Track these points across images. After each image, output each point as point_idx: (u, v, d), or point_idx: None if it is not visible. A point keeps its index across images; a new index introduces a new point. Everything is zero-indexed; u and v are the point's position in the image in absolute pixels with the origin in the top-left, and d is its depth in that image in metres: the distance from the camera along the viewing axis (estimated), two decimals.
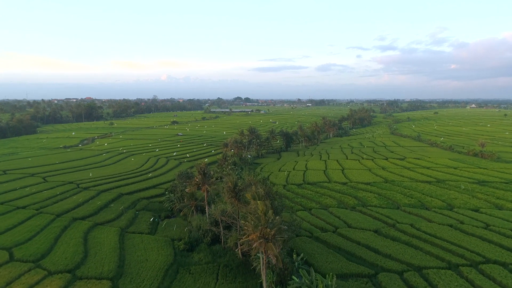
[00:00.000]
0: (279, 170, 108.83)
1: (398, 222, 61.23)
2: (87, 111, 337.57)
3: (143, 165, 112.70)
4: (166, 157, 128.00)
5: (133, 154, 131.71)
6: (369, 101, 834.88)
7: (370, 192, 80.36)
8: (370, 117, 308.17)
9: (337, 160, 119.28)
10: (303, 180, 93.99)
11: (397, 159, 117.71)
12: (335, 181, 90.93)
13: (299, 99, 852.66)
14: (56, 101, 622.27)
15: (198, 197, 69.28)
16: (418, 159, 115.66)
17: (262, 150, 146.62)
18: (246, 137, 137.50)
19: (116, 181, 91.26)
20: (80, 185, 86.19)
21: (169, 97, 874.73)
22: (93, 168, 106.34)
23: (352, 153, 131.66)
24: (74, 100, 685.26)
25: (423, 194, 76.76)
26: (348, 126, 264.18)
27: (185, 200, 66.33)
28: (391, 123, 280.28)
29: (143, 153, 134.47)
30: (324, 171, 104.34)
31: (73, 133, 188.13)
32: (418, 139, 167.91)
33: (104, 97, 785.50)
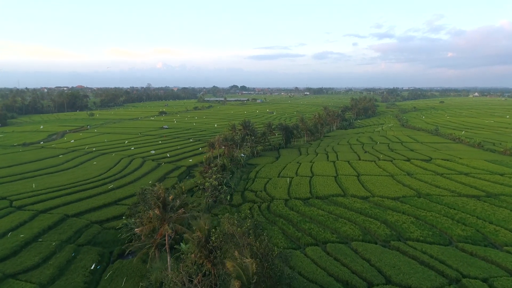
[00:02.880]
0: (279, 176, 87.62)
1: (463, 275, 40.35)
2: (70, 100, 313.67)
3: (110, 169, 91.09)
4: (143, 157, 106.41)
5: (103, 154, 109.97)
6: (367, 90, 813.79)
7: (403, 213, 59.37)
8: (374, 106, 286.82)
9: (348, 162, 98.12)
10: (310, 192, 72.89)
11: (421, 160, 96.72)
12: (352, 194, 69.88)
13: (296, 88, 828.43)
14: (45, 90, 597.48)
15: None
16: (448, 160, 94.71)
17: (258, 147, 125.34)
18: (239, 133, 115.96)
19: (65, 194, 69.81)
20: (14, 203, 64.62)
21: (164, 86, 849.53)
22: (44, 174, 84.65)
23: (365, 152, 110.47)
24: (65, 88, 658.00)
25: (478, 218, 55.81)
26: (351, 117, 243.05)
27: (143, 236, 45.01)
28: (398, 113, 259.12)
29: (116, 152, 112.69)
30: (335, 177, 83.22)
31: (42, 127, 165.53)
32: (436, 133, 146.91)
33: (98, 85, 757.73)
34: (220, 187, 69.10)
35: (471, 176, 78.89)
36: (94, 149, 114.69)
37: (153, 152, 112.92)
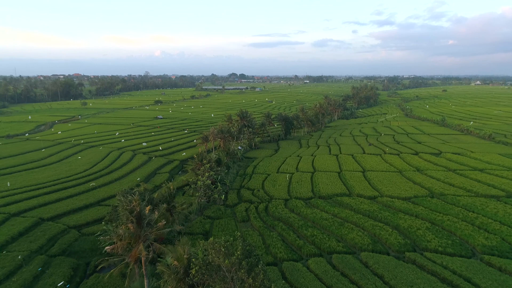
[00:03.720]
0: (278, 171, 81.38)
1: None
2: (64, 88, 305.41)
3: (96, 164, 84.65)
4: (133, 150, 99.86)
5: (92, 147, 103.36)
6: (367, 78, 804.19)
7: (416, 217, 53.27)
8: (376, 95, 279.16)
9: (352, 156, 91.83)
10: (312, 191, 66.68)
11: (430, 154, 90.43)
12: (359, 193, 63.65)
13: (296, 76, 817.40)
14: (41, 78, 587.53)
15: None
16: (459, 154, 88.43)
17: (257, 138, 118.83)
18: (236, 124, 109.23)
19: (43, 194, 63.52)
20: None
21: (162, 74, 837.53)
22: (23, 171, 78.19)
23: (370, 145, 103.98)
24: (61, 76, 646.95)
25: (502, 223, 49.69)
26: (353, 106, 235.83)
27: (119, 249, 38.53)
28: (401, 102, 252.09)
29: (105, 144, 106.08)
30: (339, 173, 77.00)
31: (30, 117, 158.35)
32: (443, 124, 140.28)
33: (95, 73, 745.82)
34: (213, 186, 62.77)
35: (487, 172, 72.70)
36: (82, 141, 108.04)
37: (144, 144, 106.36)
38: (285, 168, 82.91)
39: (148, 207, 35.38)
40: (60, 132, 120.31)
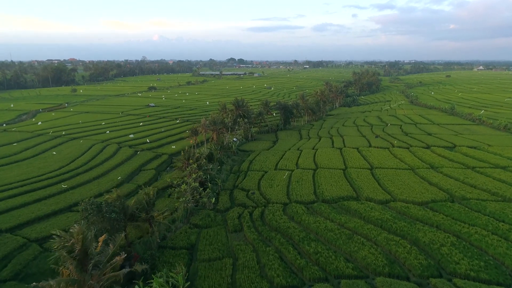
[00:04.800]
0: (276, 168, 73.37)
1: None
2: (55, 74, 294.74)
3: (75, 160, 76.50)
4: (119, 143, 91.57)
5: (74, 139, 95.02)
6: (367, 63, 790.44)
7: (437, 228, 45.45)
8: (378, 81, 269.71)
9: (357, 149, 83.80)
10: (314, 193, 58.77)
11: (443, 147, 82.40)
12: (368, 196, 55.75)
13: (295, 61, 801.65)
14: (36, 63, 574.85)
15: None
16: (475, 148, 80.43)
17: (253, 129, 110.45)
18: (230, 114, 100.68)
19: (7, 198, 55.49)
20: None
21: (159, 58, 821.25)
22: None
23: (377, 137, 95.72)
24: (56, 61, 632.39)
25: None
26: (355, 93, 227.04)
27: None
28: (404, 89, 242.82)
29: (89, 136, 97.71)
30: (344, 171, 69.01)
31: (12, 105, 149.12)
32: (452, 113, 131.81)
33: (92, 58, 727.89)
34: (202, 188, 54.68)
35: (510, 170, 64.74)
36: (63, 132, 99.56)
37: (131, 136, 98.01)
38: (284, 164, 74.86)
39: (102, 237, 27.29)
40: (40, 123, 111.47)
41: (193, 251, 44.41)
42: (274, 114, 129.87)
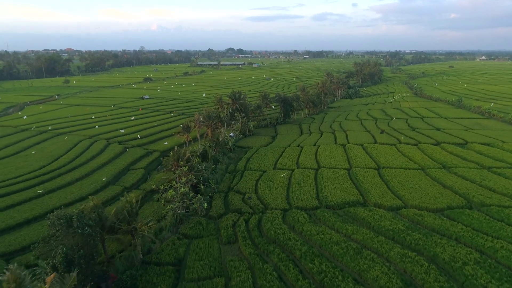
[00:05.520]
0: (275, 167, 67.98)
1: None
2: (49, 65, 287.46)
3: (58, 158, 71.03)
4: (107, 139, 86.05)
5: (60, 134, 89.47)
6: (368, 53, 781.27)
7: (458, 241, 40.21)
8: (380, 72, 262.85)
9: (362, 146, 78.35)
10: (317, 197, 53.46)
11: (454, 144, 76.96)
12: (376, 202, 50.41)
13: (295, 51, 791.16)
14: (32, 53, 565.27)
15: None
16: (489, 145, 74.99)
17: (252, 122, 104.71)
18: (226, 108, 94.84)
19: None
20: None
21: (158, 48, 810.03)
22: None
23: (382, 132, 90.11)
24: (53, 51, 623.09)
25: None
26: (356, 84, 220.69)
27: None
28: (407, 80, 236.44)
29: (76, 131, 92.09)
30: (349, 171, 63.62)
31: None
32: (460, 106, 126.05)
33: (89, 48, 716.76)
34: (192, 194, 49.23)
35: None
36: (50, 127, 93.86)
37: (122, 131, 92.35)
38: (283, 163, 69.42)
39: (50, 277, 21.88)
40: (25, 117, 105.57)
41: (180, 268, 39.24)
42: (273, 107, 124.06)
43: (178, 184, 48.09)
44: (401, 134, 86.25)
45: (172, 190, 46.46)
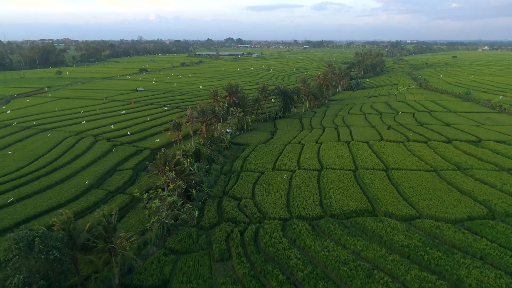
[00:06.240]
0: (274, 168, 62.67)
1: None
2: (43, 55, 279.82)
3: (39, 158, 65.48)
4: (95, 135, 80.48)
5: (45, 130, 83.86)
6: (369, 43, 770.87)
7: (483, 261, 35.03)
8: (382, 62, 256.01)
9: (367, 143, 72.92)
10: (321, 204, 48.18)
11: (467, 142, 71.49)
12: (387, 210, 45.11)
13: (295, 41, 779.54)
14: (28, 43, 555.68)
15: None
16: (505, 143, 69.51)
17: (250, 117, 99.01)
18: (222, 103, 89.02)
19: None
20: None
21: (156, 38, 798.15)
22: None
23: (389, 128, 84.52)
24: (49, 41, 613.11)
25: None
26: (358, 75, 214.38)
27: None
28: (410, 70, 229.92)
29: (63, 127, 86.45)
30: (354, 173, 58.26)
31: None
32: (468, 99, 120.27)
33: (87, 38, 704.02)
34: (181, 203, 43.80)
35: None
36: (34, 123, 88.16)
37: (112, 127, 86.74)
38: (283, 163, 64.04)
39: None
40: (9, 111, 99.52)
41: None
42: (272, 100, 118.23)
43: (165, 192, 42.65)
44: (409, 130, 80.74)
45: (157, 200, 40.95)
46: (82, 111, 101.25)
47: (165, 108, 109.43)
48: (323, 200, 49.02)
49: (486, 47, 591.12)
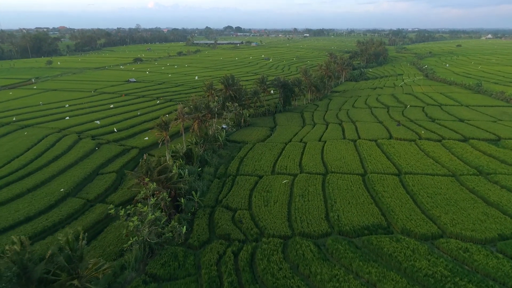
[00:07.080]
0: (273, 171, 56.38)
1: None
2: (35, 44, 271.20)
3: (13, 160, 59.02)
4: (79, 132, 73.94)
5: (26, 126, 77.33)
6: (370, 31, 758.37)
7: None
8: (385, 51, 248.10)
9: (376, 142, 66.55)
10: (327, 218, 41.97)
11: (485, 141, 65.09)
12: (404, 227, 38.91)
13: (295, 29, 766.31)
14: (24, 31, 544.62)
15: None
16: None
17: (248, 111, 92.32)
18: (217, 97, 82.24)
19: None
20: None
21: (154, 27, 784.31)
22: None
23: (398, 125, 78.00)
24: (44, 29, 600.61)
25: None
26: (361, 65, 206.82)
27: None
28: (415, 60, 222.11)
29: (45, 123, 79.92)
30: (363, 178, 52.01)
31: None
32: (479, 91, 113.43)
33: (84, 26, 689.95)
34: (165, 219, 37.51)
35: None
36: (14, 118, 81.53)
37: (98, 122, 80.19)
38: (283, 165, 57.73)
39: None
40: None
41: None
42: (272, 92, 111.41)
43: (146, 207, 36.38)
44: (420, 127, 74.32)
45: (136, 218, 34.62)
46: (67, 105, 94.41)
47: (158, 102, 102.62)
48: (330, 212, 42.83)
49: (489, 36, 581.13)
